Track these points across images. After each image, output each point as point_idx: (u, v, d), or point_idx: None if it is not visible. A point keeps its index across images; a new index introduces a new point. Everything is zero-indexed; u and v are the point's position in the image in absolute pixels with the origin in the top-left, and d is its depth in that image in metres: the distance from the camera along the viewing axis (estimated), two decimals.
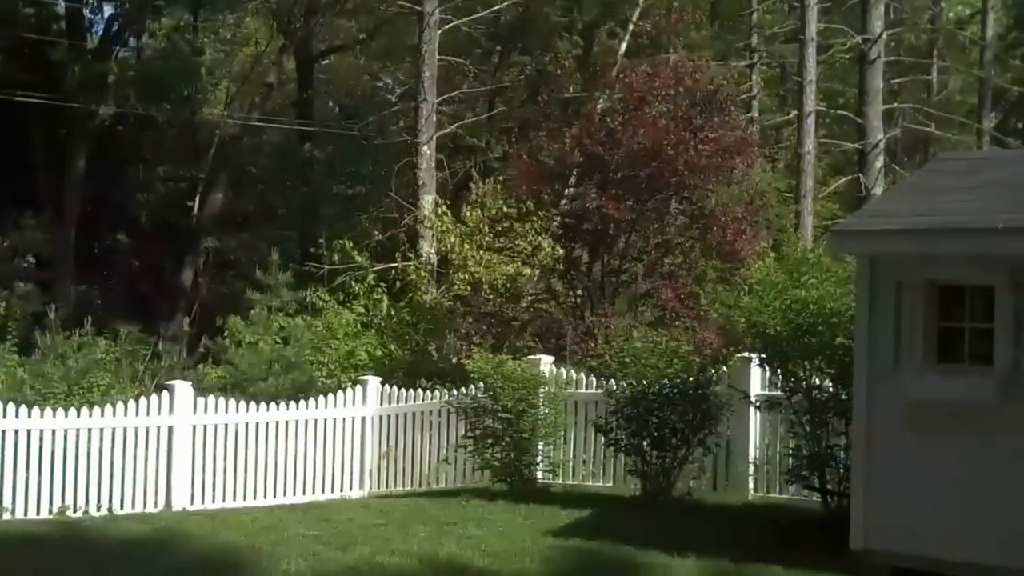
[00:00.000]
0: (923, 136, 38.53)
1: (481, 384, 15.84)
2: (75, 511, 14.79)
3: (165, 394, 15.86)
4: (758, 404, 14.35)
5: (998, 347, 10.11)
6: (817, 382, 12.98)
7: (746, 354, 14.66)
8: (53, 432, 14.93)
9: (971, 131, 38.69)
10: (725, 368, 15.42)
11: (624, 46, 29.08)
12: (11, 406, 14.81)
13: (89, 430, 15.18)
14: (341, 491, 17.20)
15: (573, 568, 11.08)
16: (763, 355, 13.51)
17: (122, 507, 15.20)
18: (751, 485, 15.02)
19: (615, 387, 14.77)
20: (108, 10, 37.33)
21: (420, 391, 18.00)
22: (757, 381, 14.74)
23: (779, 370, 13.28)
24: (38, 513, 14.59)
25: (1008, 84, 40.53)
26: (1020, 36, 42.10)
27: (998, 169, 12.04)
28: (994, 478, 10.11)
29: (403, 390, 17.81)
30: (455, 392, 16.64)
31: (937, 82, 40.15)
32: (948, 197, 11.17)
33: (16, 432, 14.67)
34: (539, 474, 16.00)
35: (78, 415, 15.20)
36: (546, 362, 16.63)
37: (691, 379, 14.32)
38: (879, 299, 10.69)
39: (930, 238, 10.37)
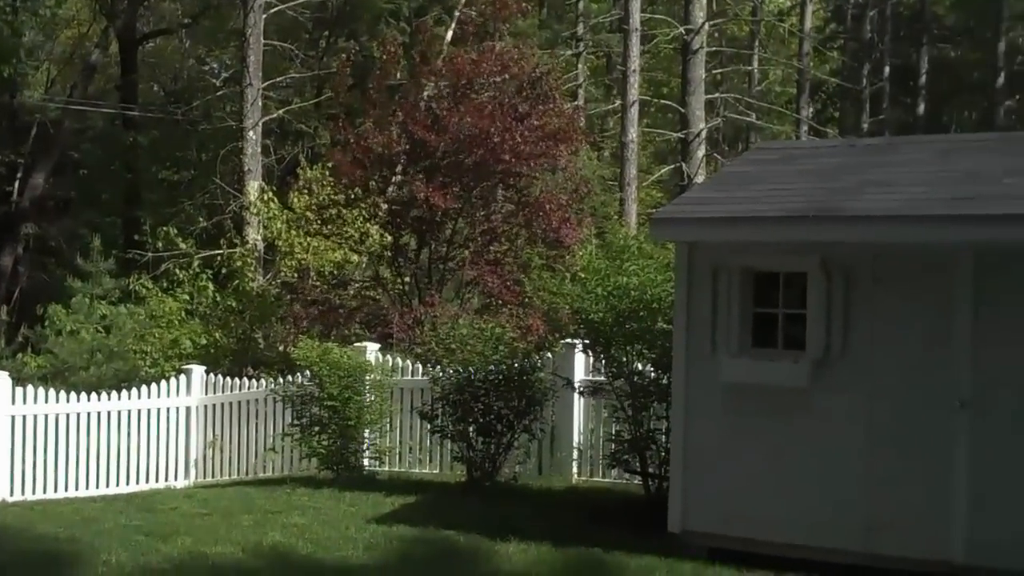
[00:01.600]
0: (744, 126, 39.35)
1: (307, 372, 15.78)
2: None
3: None
4: (581, 389, 14.53)
5: (810, 333, 10.39)
6: (639, 367, 13.18)
7: (570, 340, 14.85)
8: None
9: (790, 121, 39.63)
10: (550, 354, 15.60)
11: (451, 33, 29.11)
12: None
13: None
14: (166, 481, 17.04)
15: (396, 554, 11.10)
16: (586, 341, 13.67)
17: None
18: (575, 469, 15.24)
19: (441, 374, 14.83)
20: None
21: (246, 380, 17.90)
22: (581, 367, 14.95)
23: (602, 355, 13.47)
24: None
25: (826, 76, 41.58)
26: (837, 29, 43.20)
27: (812, 159, 12.34)
28: (806, 460, 10.40)
29: (229, 379, 17.69)
30: (281, 380, 16.58)
31: (758, 73, 40.99)
32: (764, 186, 11.43)
33: None
34: (366, 461, 16.01)
35: None
36: (372, 349, 16.64)
37: (516, 365, 14.42)
38: (697, 285, 10.89)
39: (745, 226, 10.60)
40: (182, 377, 17.61)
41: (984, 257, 9.74)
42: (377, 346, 17.13)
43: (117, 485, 16.62)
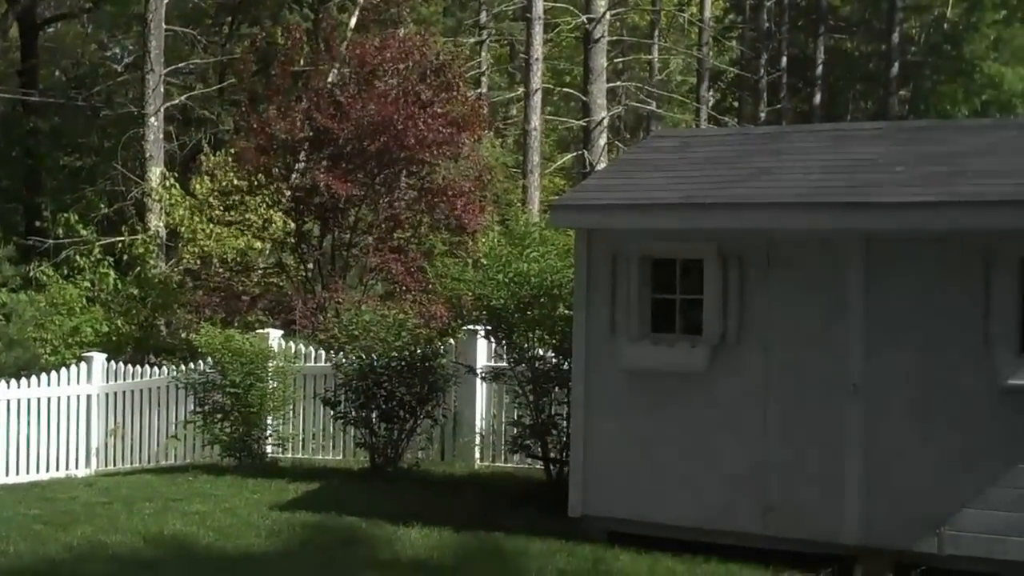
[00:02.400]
0: (645, 114, 39.62)
1: (210, 359, 15.74)
2: None
3: None
4: (483, 375, 14.64)
5: (707, 318, 10.56)
6: (540, 352, 13.31)
7: (473, 326, 14.95)
8: None
9: (690, 110, 39.99)
10: (452, 341, 15.69)
11: (354, 20, 29.05)
12: None
13: None
14: (67, 470, 16.92)
15: (298, 541, 11.14)
16: (488, 327, 13.77)
17: None
18: (478, 455, 15.34)
19: (344, 360, 14.85)
20: None
21: (148, 367, 17.81)
22: (483, 353, 15.06)
23: (504, 341, 13.57)
24: None
25: (725, 65, 41.99)
26: (736, 19, 43.63)
27: (709, 146, 12.51)
28: (704, 444, 10.57)
29: (130, 366, 17.59)
30: (183, 367, 16.52)
31: (658, 62, 41.29)
32: (661, 173, 11.60)
33: None
34: (268, 448, 15.99)
35: None
36: (275, 336, 16.63)
37: (419, 352, 14.49)
38: (597, 271, 11.02)
39: (643, 213, 10.75)
40: (83, 365, 17.48)
41: (875, 244, 9.96)
42: (280, 333, 17.11)
43: (17, 474, 16.47)
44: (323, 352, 16.29)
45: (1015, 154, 10.50)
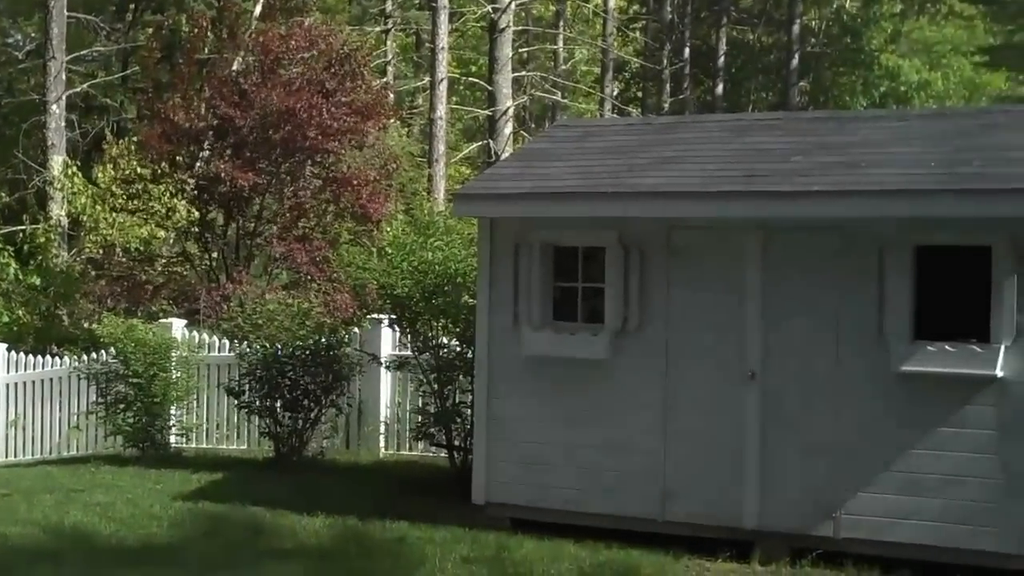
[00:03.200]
0: (550, 104, 39.75)
1: (112, 349, 15.62)
2: None
3: None
4: (388, 364, 14.67)
5: (609, 306, 10.67)
6: (445, 341, 13.37)
7: (377, 315, 14.96)
8: None
9: (595, 100, 40.19)
10: (357, 329, 15.71)
11: (259, 8, 28.87)
12: None
13: None
14: None
15: (201, 531, 11.11)
16: (393, 316, 13.82)
17: None
18: (383, 443, 15.39)
19: (248, 350, 14.81)
20: None
21: (50, 357, 17.63)
22: (388, 341, 15.09)
23: (408, 330, 13.61)
24: None
25: (629, 56, 42.23)
26: (640, 10, 43.88)
27: (611, 136, 12.63)
28: (606, 431, 10.69)
29: (31, 356, 17.40)
30: (86, 358, 16.39)
31: (564, 52, 41.43)
32: (563, 162, 11.68)
33: None
34: (172, 438, 15.92)
35: None
36: (178, 326, 16.53)
37: (323, 341, 14.50)
38: (499, 260, 11.10)
39: (545, 202, 10.84)
40: None
41: (773, 233, 10.13)
42: (184, 322, 17.02)
43: None
44: (227, 342, 16.22)
45: (910, 144, 10.70)
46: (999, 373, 9.31)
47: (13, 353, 17.42)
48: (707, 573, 9.83)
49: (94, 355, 16.12)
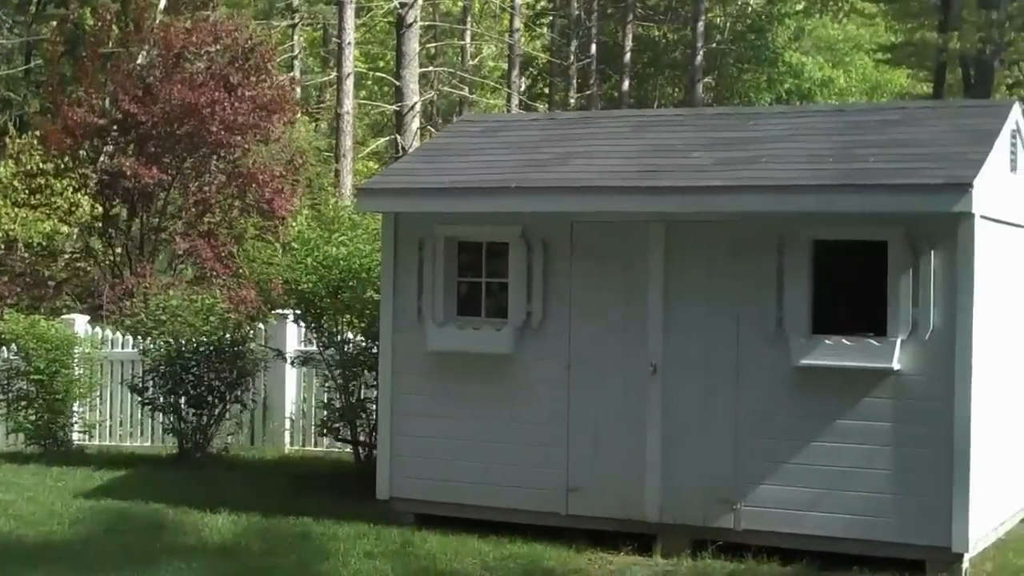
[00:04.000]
0: (458, 99, 39.76)
1: (13, 345, 15.46)
2: None
3: None
4: (293, 360, 14.63)
5: (512, 301, 10.72)
6: (350, 336, 13.37)
7: (283, 311, 14.92)
8: None
9: (502, 95, 40.24)
10: (262, 325, 15.65)
11: (164, 1, 28.61)
12: None
13: None
14: None
15: (102, 529, 11.03)
16: (298, 311, 13.77)
17: None
18: (288, 439, 15.37)
19: (152, 346, 14.70)
20: None
21: None
22: (294, 337, 15.06)
23: (313, 326, 13.60)
24: None
25: (536, 51, 42.34)
26: (547, 5, 44.00)
27: (515, 131, 12.67)
28: (510, 426, 10.74)
29: None
30: None
31: (471, 47, 41.45)
32: (468, 158, 11.73)
33: None
34: (75, 436, 15.78)
35: None
36: (81, 322, 16.38)
37: (227, 337, 14.44)
38: (403, 255, 11.11)
39: (449, 197, 10.87)
40: None
41: (673, 228, 10.23)
42: (86, 318, 16.88)
43: None
44: (131, 338, 16.09)
45: (810, 140, 10.84)
46: (896, 366, 9.46)
47: None
48: (610, 566, 9.92)
49: None
